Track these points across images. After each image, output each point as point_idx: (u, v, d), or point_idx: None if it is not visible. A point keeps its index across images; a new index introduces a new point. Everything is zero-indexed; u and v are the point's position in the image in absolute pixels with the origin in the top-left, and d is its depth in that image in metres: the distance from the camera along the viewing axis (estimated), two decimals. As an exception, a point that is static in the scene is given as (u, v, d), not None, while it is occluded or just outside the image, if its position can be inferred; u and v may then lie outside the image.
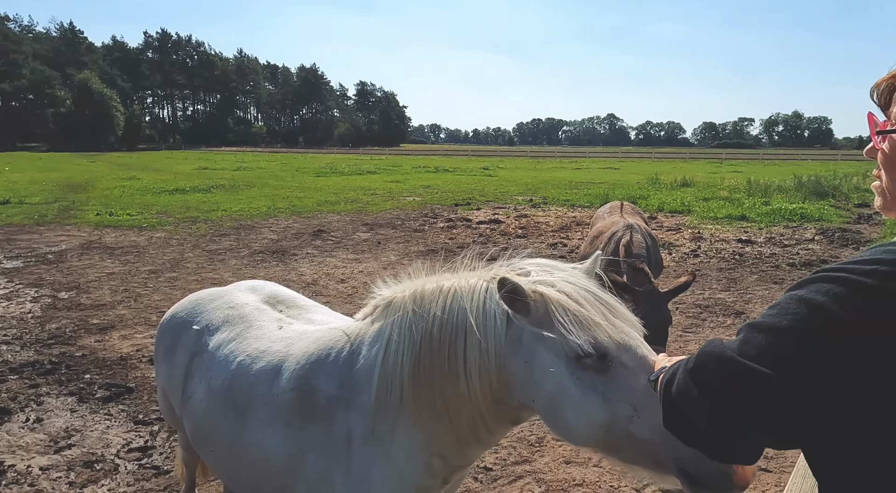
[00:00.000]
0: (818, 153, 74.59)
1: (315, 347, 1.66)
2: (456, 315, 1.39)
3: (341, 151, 75.78)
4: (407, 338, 1.43)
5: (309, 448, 1.54)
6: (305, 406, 1.57)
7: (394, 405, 1.45)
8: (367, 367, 1.50)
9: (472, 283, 1.44)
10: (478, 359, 1.34)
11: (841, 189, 18.48)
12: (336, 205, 15.56)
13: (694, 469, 1.10)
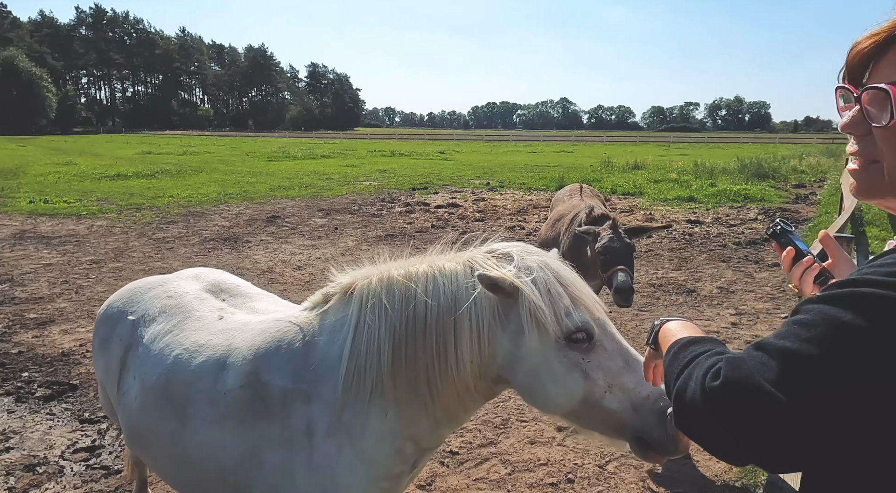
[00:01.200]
0: (758, 136, 78.07)
1: (261, 339, 1.58)
2: (441, 299, 1.39)
3: (294, 134, 73.81)
4: (383, 325, 1.40)
5: (265, 445, 1.48)
6: (258, 402, 1.50)
7: (365, 394, 1.41)
8: (330, 357, 1.45)
9: (451, 267, 1.44)
10: (468, 341, 1.36)
11: (780, 171, 19.42)
12: (290, 190, 15.14)
13: (647, 437, 1.29)
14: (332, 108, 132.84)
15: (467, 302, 1.36)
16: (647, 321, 5.57)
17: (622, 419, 1.30)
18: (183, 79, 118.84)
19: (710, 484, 3.09)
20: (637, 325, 5.49)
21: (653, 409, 1.28)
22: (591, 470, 3.20)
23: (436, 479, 3.14)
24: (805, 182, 17.71)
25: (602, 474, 3.17)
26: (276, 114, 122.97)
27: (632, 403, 1.29)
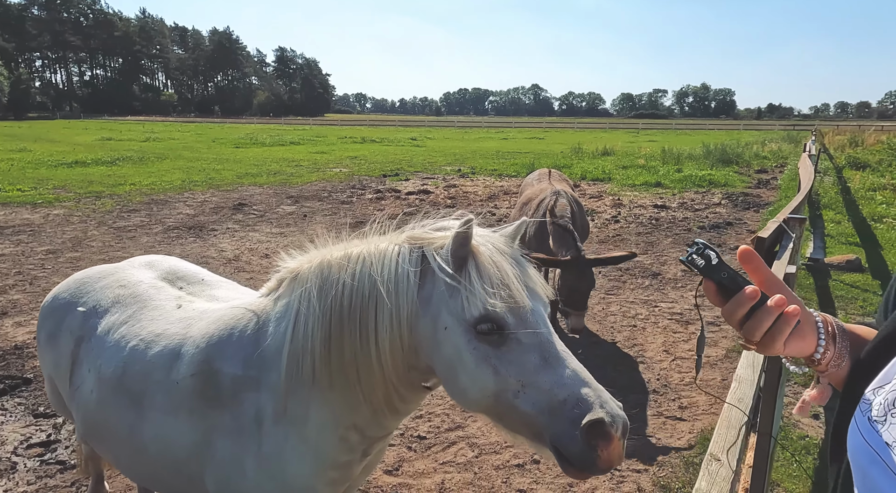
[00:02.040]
0: (723, 123, 79.88)
1: (215, 327, 1.55)
2: (366, 281, 1.33)
3: (262, 120, 72.19)
4: (317, 310, 1.36)
5: (216, 434, 1.46)
6: (209, 391, 1.47)
7: (306, 382, 1.38)
8: (275, 344, 1.42)
9: (383, 247, 1.38)
10: (388, 325, 1.30)
11: (743, 157, 19.92)
12: (258, 177, 14.84)
13: (563, 448, 1.14)
14: (302, 93, 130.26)
15: (385, 283, 1.29)
16: (613, 304, 5.67)
17: (538, 424, 1.17)
18: (144, 62, 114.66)
19: (669, 460, 3.17)
20: (603, 308, 5.58)
21: (568, 416, 1.12)
22: (556, 450, 3.25)
23: (403, 463, 3.15)
24: (767, 167, 18.21)
25: (567, 453, 3.23)
26: (243, 99, 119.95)
27: (548, 406, 1.15)
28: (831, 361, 0.80)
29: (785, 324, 0.76)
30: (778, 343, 0.76)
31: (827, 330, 0.80)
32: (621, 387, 4.00)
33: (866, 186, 13.02)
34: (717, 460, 0.82)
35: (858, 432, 0.68)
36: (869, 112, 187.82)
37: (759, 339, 0.77)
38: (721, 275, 0.80)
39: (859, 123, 58.80)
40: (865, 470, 0.66)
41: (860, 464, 0.67)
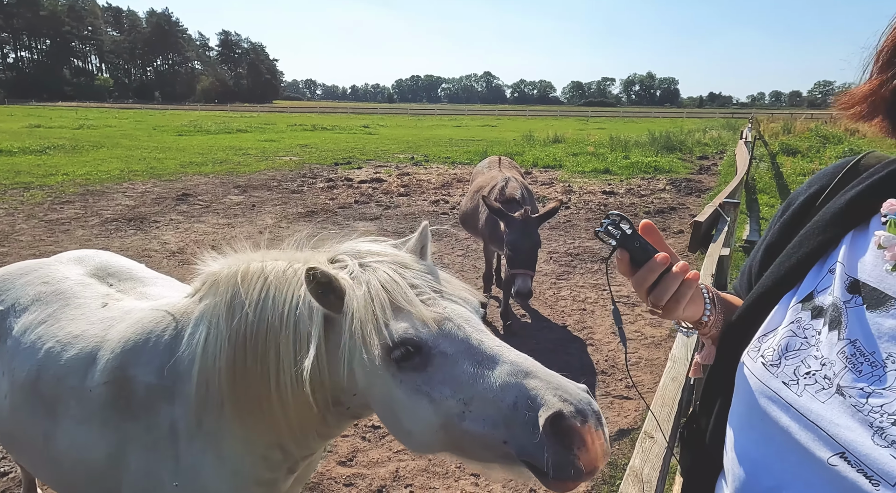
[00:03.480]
0: (668, 111, 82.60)
1: (133, 330, 1.43)
2: (268, 312, 1.20)
3: (206, 107, 69.32)
4: (223, 331, 1.25)
5: (130, 446, 1.36)
6: (122, 401, 1.37)
7: (218, 398, 1.28)
8: (188, 355, 1.32)
9: (288, 273, 1.24)
10: (292, 362, 1.17)
11: (686, 144, 20.70)
12: (203, 166, 14.28)
13: (535, 461, 0.96)
14: (248, 79, 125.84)
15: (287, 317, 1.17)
16: (564, 289, 5.81)
17: (498, 443, 0.99)
18: (75, 45, 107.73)
19: (616, 439, 3.30)
20: (554, 293, 5.71)
21: (524, 421, 0.96)
22: (509, 433, 3.32)
23: (357, 454, 3.14)
24: (708, 154, 18.99)
25: (520, 436, 3.30)
26: (185, 85, 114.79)
27: (501, 417, 0.99)
28: (714, 323, 0.89)
29: (686, 288, 0.81)
30: (681, 306, 0.82)
31: (710, 296, 0.89)
32: (573, 369, 4.11)
33: (797, 171, 13.79)
34: (651, 437, 0.86)
35: (752, 375, 0.75)
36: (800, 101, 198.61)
37: (665, 303, 0.81)
38: (634, 245, 0.83)
39: (791, 111, 62.08)
40: (765, 410, 0.72)
41: (758, 404, 0.73)
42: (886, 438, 0.60)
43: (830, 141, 20.21)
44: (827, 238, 0.76)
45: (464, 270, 6.36)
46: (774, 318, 0.77)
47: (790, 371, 0.71)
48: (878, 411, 0.62)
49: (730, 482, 0.79)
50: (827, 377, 0.67)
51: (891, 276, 0.68)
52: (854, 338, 0.67)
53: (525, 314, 5.21)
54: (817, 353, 0.70)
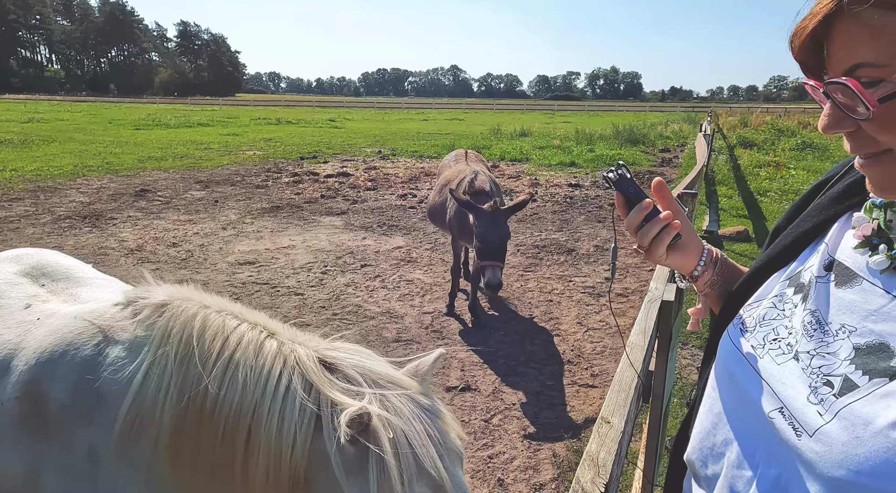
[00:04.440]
0: (631, 105, 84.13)
1: (50, 340, 1.29)
2: (243, 400, 1.09)
3: (165, 100, 67.14)
4: (169, 385, 1.13)
5: (44, 468, 1.25)
6: (34, 419, 1.25)
7: (150, 441, 1.16)
8: (119, 380, 1.17)
9: (271, 352, 1.13)
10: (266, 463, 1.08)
11: (649, 137, 21.15)
12: (162, 161, 13.85)
13: None
14: (209, 71, 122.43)
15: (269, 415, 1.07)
16: (531, 281, 5.88)
17: None
18: (22, 34, 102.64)
19: (581, 426, 3.37)
20: (522, 285, 5.77)
21: None
22: (477, 425, 3.35)
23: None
24: (670, 147, 19.45)
25: (487, 427, 3.34)
26: (143, 77, 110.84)
27: None
28: (708, 280, 0.96)
29: (666, 234, 0.90)
30: (661, 249, 0.91)
31: (711, 257, 0.96)
32: (539, 360, 4.17)
33: (753, 163, 14.26)
34: (608, 422, 0.88)
35: (730, 340, 0.82)
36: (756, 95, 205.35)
37: (647, 245, 0.91)
38: (629, 190, 0.93)
39: (748, 105, 64.16)
40: (732, 371, 0.79)
41: (728, 366, 0.80)
42: (818, 396, 0.65)
43: (785, 134, 20.97)
44: (822, 220, 0.80)
45: (432, 263, 6.37)
46: (763, 291, 0.83)
47: (760, 337, 0.77)
48: (817, 372, 0.67)
49: (693, 435, 0.85)
50: (790, 345, 0.73)
51: (857, 253, 0.72)
52: (815, 309, 0.72)
53: (492, 307, 5.25)
54: (788, 323, 0.75)
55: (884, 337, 0.64)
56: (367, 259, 6.45)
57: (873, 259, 0.69)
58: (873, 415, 0.59)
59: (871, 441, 0.58)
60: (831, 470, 0.61)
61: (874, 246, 0.70)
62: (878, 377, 0.62)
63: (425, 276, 5.95)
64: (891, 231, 0.70)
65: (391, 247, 6.96)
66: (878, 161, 0.64)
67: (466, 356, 4.22)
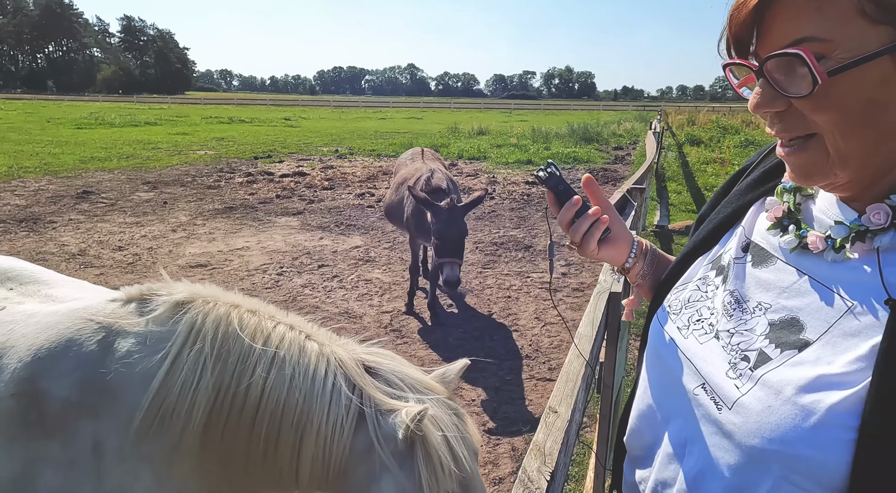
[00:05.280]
0: (585, 104, 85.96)
1: (45, 336, 1.28)
2: (290, 395, 1.17)
3: (109, 98, 64.26)
4: (204, 379, 1.17)
5: (41, 466, 1.24)
6: (32, 416, 1.24)
7: (174, 433, 1.20)
8: (132, 375, 1.20)
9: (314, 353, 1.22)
10: (311, 455, 1.16)
11: (602, 135, 21.67)
12: (106, 161, 13.25)
13: None
14: (156, 68, 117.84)
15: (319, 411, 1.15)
16: (489, 278, 5.92)
17: None
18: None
19: (539, 419, 3.42)
20: (480, 282, 5.81)
21: None
22: (438, 422, 3.35)
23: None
24: (622, 144, 19.99)
25: (448, 423, 3.35)
26: (84, 74, 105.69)
27: None
28: (639, 271, 0.99)
29: (596, 229, 0.93)
30: (591, 244, 0.94)
31: (640, 248, 0.99)
32: (498, 355, 4.21)
33: (700, 160, 14.83)
34: (555, 412, 0.89)
35: (658, 324, 0.85)
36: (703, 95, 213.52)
37: (579, 240, 0.94)
38: (559, 187, 0.95)
39: (696, 104, 66.56)
40: (661, 353, 0.81)
41: (657, 349, 0.83)
42: (736, 371, 0.69)
43: (729, 132, 21.88)
44: (740, 205, 0.84)
45: (391, 263, 6.33)
46: (689, 275, 0.86)
47: (685, 319, 0.80)
48: (735, 348, 0.71)
49: (630, 418, 0.88)
50: (711, 324, 0.76)
51: (770, 235, 0.75)
52: (734, 289, 0.75)
53: (452, 304, 5.27)
54: (710, 304, 0.78)
55: (794, 312, 0.67)
56: (324, 259, 6.36)
57: (784, 239, 0.72)
58: (783, 384, 0.63)
59: (782, 409, 0.61)
60: (748, 440, 0.63)
61: (785, 227, 0.73)
62: (789, 349, 0.65)
63: (384, 275, 5.92)
64: (800, 213, 0.74)
65: (349, 247, 6.89)
66: (804, 147, 0.65)
67: (426, 355, 4.22)
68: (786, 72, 0.62)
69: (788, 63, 0.61)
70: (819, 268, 0.67)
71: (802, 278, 0.68)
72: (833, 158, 0.63)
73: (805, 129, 0.64)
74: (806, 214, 0.74)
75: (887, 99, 0.59)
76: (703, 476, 0.70)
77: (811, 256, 0.69)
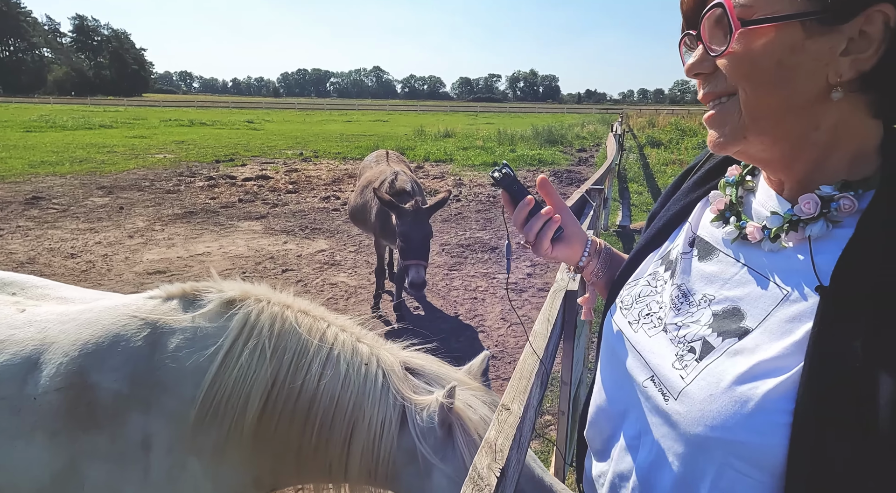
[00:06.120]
0: (550, 106, 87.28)
1: (90, 332, 1.30)
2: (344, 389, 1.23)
3: (61, 100, 61.75)
4: (259, 374, 1.21)
5: (88, 459, 1.24)
6: (81, 409, 1.24)
7: (224, 425, 1.23)
8: (182, 369, 1.23)
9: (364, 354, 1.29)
10: (361, 450, 1.22)
11: (566, 137, 22.03)
12: (58, 166, 12.73)
13: None
14: (112, 70, 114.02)
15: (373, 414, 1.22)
16: (456, 280, 5.94)
17: None
18: None
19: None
20: (447, 284, 5.82)
21: None
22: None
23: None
24: (586, 147, 20.36)
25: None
26: (33, 75, 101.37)
27: None
28: (593, 270, 1.01)
29: (548, 229, 0.96)
30: (544, 243, 0.96)
31: (594, 247, 1.01)
32: (465, 356, 4.22)
33: (661, 162, 15.25)
34: (507, 409, 0.90)
35: (611, 318, 0.88)
36: (663, 98, 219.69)
37: (532, 239, 0.96)
38: (513, 188, 0.98)
39: (656, 107, 68.44)
40: (614, 348, 0.84)
41: (610, 344, 0.86)
42: (682, 362, 0.71)
43: (687, 134, 22.55)
44: (688, 202, 0.87)
45: (357, 266, 6.28)
46: (640, 271, 0.89)
47: (636, 313, 0.82)
48: (682, 340, 0.73)
49: (589, 412, 0.90)
50: (660, 318, 0.78)
51: (713, 227, 0.78)
52: (680, 283, 0.78)
53: (418, 307, 5.26)
54: (659, 298, 0.81)
55: (736, 302, 0.70)
56: (288, 264, 6.26)
57: (725, 231, 0.76)
58: (724, 373, 0.65)
59: (722, 397, 0.63)
60: (692, 428, 0.65)
61: (727, 219, 0.76)
62: (730, 338, 0.67)
63: (350, 279, 5.87)
64: (741, 206, 0.77)
65: (314, 250, 6.80)
66: (722, 108, 0.69)
67: (392, 357, 4.20)
68: (713, 33, 0.67)
69: (717, 21, 0.65)
70: (757, 258, 0.70)
71: (743, 269, 0.71)
72: (744, 118, 0.67)
73: (725, 89, 0.68)
74: (747, 207, 0.77)
75: (795, 65, 0.62)
76: (654, 467, 0.72)
77: (750, 246, 0.72)
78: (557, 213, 0.98)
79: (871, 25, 0.59)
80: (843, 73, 0.61)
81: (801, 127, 0.65)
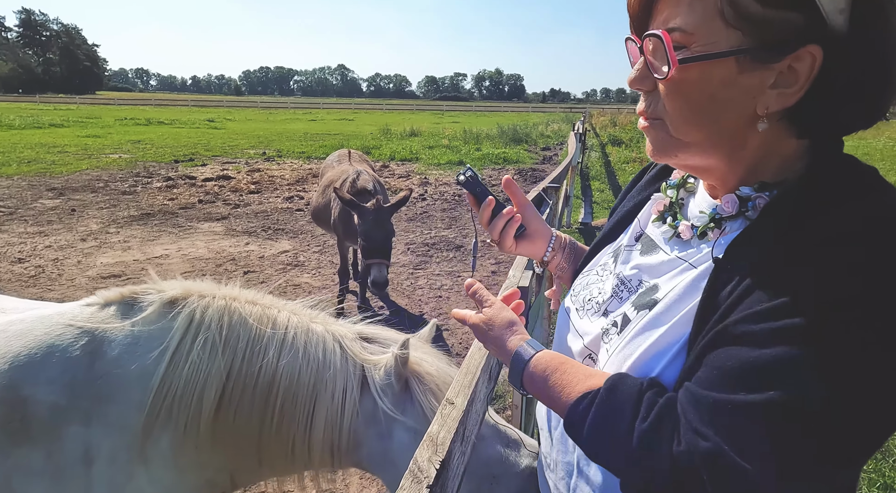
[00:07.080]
0: (515, 106, 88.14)
1: (22, 344, 1.25)
2: (302, 368, 1.23)
3: (6, 98, 58.99)
4: (214, 367, 1.20)
5: (24, 476, 1.19)
6: (14, 424, 1.19)
7: (178, 428, 1.21)
8: (125, 376, 1.20)
9: (320, 332, 1.30)
10: (324, 423, 1.22)
11: (531, 136, 22.30)
12: (4, 167, 12.16)
13: None
14: (62, 66, 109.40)
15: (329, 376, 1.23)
16: (421, 279, 5.96)
17: None
18: None
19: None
20: (412, 283, 5.83)
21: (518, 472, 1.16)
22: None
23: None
24: (550, 145, 20.64)
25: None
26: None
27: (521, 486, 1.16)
28: (558, 264, 1.06)
29: (511, 227, 1.01)
30: (508, 240, 1.02)
31: (559, 242, 1.06)
32: (429, 355, 4.24)
33: (622, 160, 15.58)
34: (451, 403, 0.92)
35: (563, 306, 0.94)
36: (625, 97, 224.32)
37: (497, 237, 1.02)
38: (476, 189, 1.02)
39: (618, 106, 69.91)
40: (562, 332, 0.92)
41: (560, 329, 0.93)
42: (608, 337, 0.79)
43: (648, 132, 23.10)
44: (640, 200, 0.93)
45: (321, 266, 6.23)
46: (594, 263, 0.95)
47: (581, 300, 0.89)
48: (612, 320, 0.80)
49: None
50: (599, 303, 0.85)
51: (654, 226, 0.85)
52: (620, 272, 0.84)
53: (383, 306, 5.25)
54: (602, 286, 0.87)
55: (656, 279, 0.77)
56: (250, 265, 6.16)
57: (661, 230, 0.82)
58: (635, 347, 0.72)
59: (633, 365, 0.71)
60: None
61: (665, 219, 0.83)
62: (643, 309, 0.75)
63: (313, 279, 5.81)
64: (680, 207, 0.83)
65: (277, 251, 6.70)
66: (655, 126, 0.73)
67: (357, 358, 4.18)
68: (657, 54, 0.68)
69: (658, 45, 0.67)
70: (687, 251, 0.77)
71: (669, 258, 0.78)
72: (674, 141, 0.71)
73: (657, 113, 0.72)
74: (685, 208, 0.83)
75: (727, 99, 0.66)
76: None
77: (683, 242, 0.78)
78: (521, 211, 1.03)
79: (800, 63, 0.62)
80: (770, 106, 0.65)
81: (728, 149, 0.70)
